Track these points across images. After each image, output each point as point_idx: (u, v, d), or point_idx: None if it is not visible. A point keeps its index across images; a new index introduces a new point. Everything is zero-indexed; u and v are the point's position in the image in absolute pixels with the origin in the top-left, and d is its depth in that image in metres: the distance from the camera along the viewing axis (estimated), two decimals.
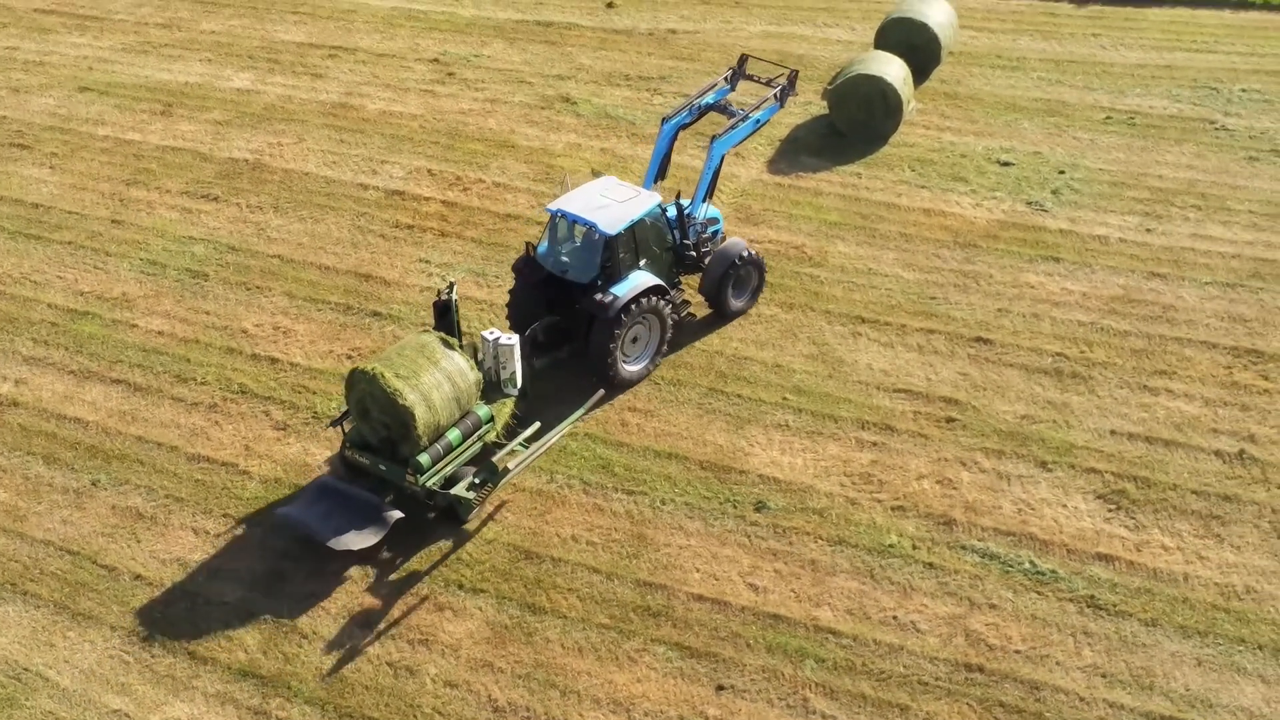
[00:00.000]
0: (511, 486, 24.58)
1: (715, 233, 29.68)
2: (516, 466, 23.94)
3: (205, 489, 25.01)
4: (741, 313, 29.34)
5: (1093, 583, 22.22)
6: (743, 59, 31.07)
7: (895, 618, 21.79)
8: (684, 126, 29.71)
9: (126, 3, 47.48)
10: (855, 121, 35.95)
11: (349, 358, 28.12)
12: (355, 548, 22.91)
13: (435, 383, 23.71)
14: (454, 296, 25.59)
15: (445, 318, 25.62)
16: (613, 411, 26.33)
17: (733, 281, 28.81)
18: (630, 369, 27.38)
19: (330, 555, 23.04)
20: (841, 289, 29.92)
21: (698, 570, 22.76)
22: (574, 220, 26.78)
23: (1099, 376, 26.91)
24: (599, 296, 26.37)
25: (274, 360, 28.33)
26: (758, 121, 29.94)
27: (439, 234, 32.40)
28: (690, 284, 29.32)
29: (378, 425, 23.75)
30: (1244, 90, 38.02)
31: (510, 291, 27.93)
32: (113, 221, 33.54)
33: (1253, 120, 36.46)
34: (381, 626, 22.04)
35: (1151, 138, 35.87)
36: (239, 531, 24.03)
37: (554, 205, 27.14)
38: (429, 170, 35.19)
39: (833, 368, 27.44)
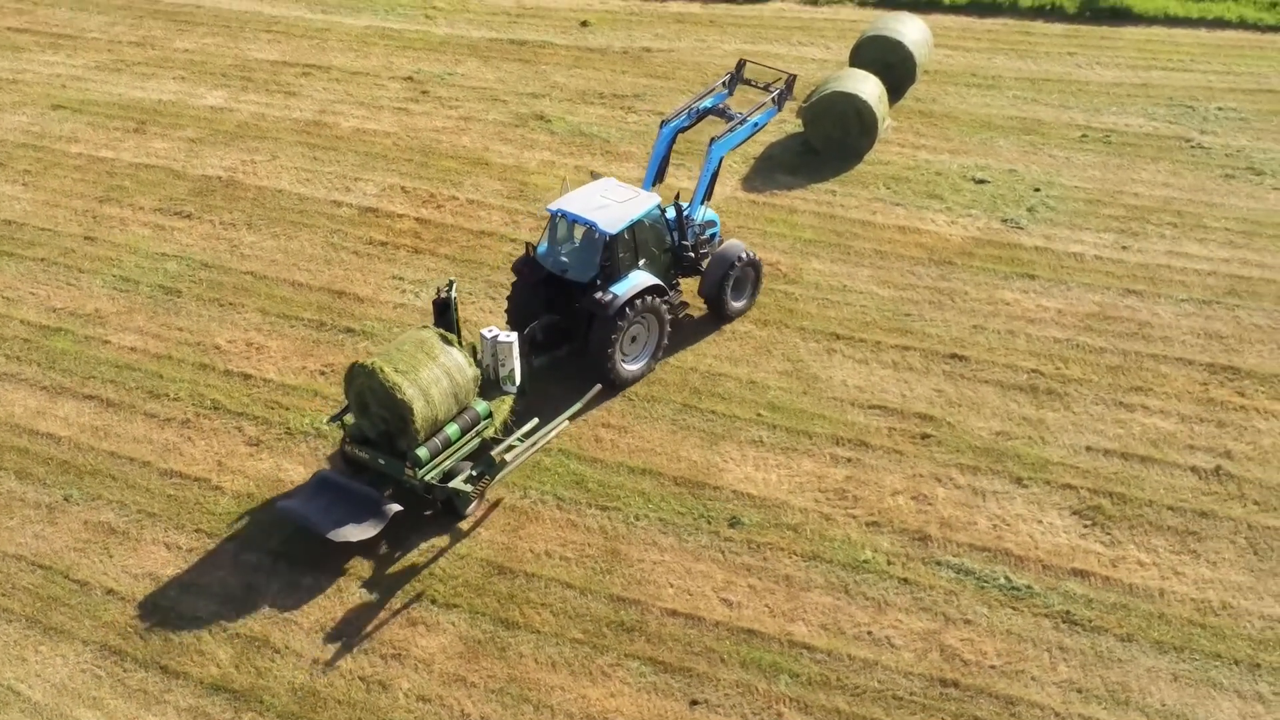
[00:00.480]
0: (487, 502, 24.48)
1: (713, 235, 29.90)
2: (513, 460, 23.98)
3: (178, 504, 24.84)
4: (741, 313, 29.50)
5: (1068, 598, 22.14)
6: (741, 64, 31.34)
7: (870, 633, 21.68)
8: (683, 130, 29.98)
9: (100, 21, 47.30)
10: (830, 139, 35.94)
11: (322, 374, 28.01)
12: (354, 539, 23.08)
13: (434, 378, 23.93)
14: (453, 295, 25.75)
15: (444, 315, 25.78)
16: (586, 427, 26.21)
17: (732, 283, 29.05)
18: (629, 368, 27.56)
19: (330, 548, 23.15)
20: (816, 306, 29.85)
21: (671, 585, 22.63)
22: (574, 220, 27.11)
23: (1074, 393, 26.87)
24: (599, 295, 26.64)
25: (247, 376, 28.17)
26: (755, 125, 30.39)
27: (412, 251, 32.27)
28: (689, 286, 29.46)
29: (377, 420, 23.92)
30: (1220, 109, 38.12)
31: (509, 291, 28.14)
32: (86, 238, 33.35)
33: (1229, 138, 36.55)
34: (354, 641, 21.88)
35: (1127, 155, 35.93)
36: (211, 546, 23.86)
37: (554, 205, 27.46)
38: (402, 187, 35.07)
39: (807, 384, 27.36)
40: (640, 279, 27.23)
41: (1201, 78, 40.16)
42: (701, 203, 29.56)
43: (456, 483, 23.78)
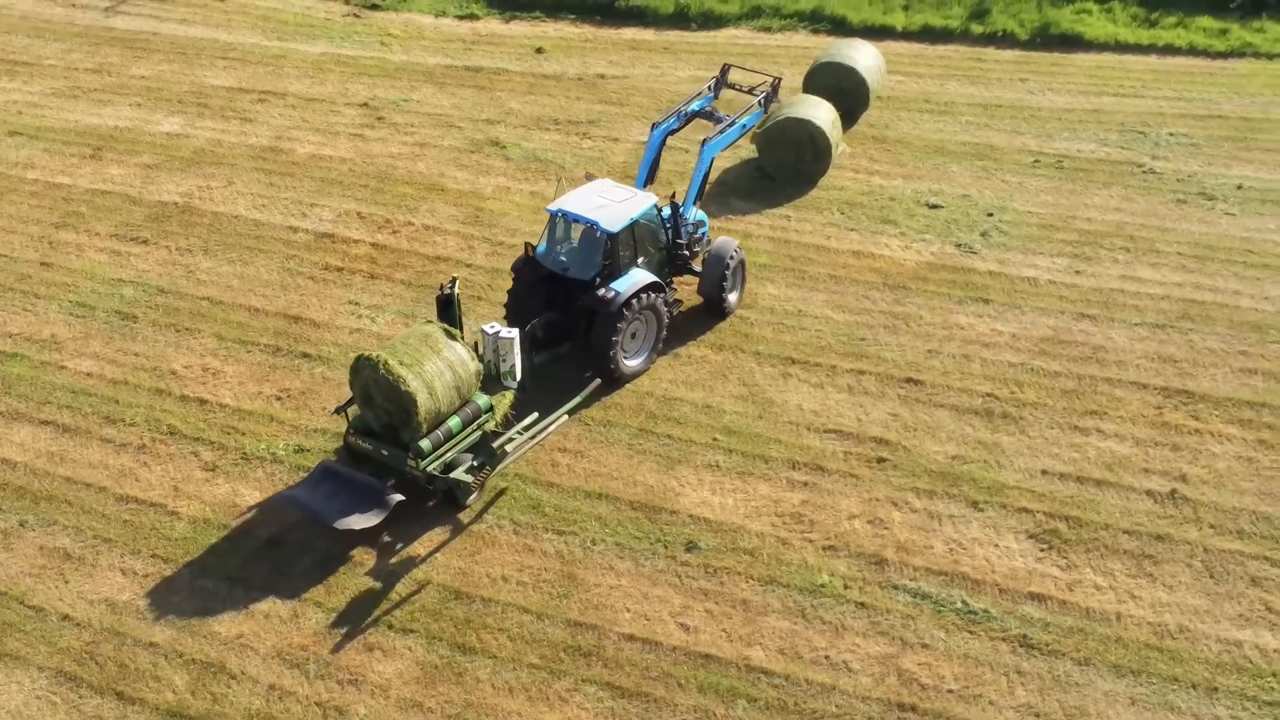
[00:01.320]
0: (442, 528, 24.45)
1: (703, 234, 30.67)
2: (514, 452, 24.66)
3: (134, 530, 24.66)
4: (736, 307, 30.58)
5: (1025, 622, 22.23)
6: (725, 69, 32.34)
7: (827, 657, 21.70)
8: (672, 132, 30.74)
9: (57, 49, 47.01)
10: (784, 165, 36.12)
11: (278, 399, 27.91)
12: (358, 527, 23.72)
13: (437, 371, 24.70)
14: (455, 291, 26.40)
15: (447, 311, 26.41)
16: (543, 452, 26.18)
17: (729, 280, 30.08)
18: (630, 364, 28.15)
19: (334, 536, 23.89)
20: (771, 330, 29.95)
21: (628, 610, 22.61)
22: (575, 220, 27.97)
23: (1030, 417, 27.04)
24: (601, 293, 27.52)
25: (203, 401, 28.02)
26: (744, 126, 31.60)
27: (368, 276, 32.21)
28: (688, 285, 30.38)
29: (380, 411, 24.77)
30: (1171, 134, 38.52)
31: (508, 291, 28.67)
32: (42, 264, 33.11)
33: (1180, 163, 36.93)
34: (310, 667, 21.74)
35: (1080, 180, 36.25)
36: (167, 572, 23.68)
37: (554, 206, 28.27)
38: (358, 213, 35.02)
39: (763, 408, 27.43)
40: (640, 277, 28.00)
41: (1153, 103, 40.57)
42: (694, 202, 30.31)
43: (458, 473, 24.47)
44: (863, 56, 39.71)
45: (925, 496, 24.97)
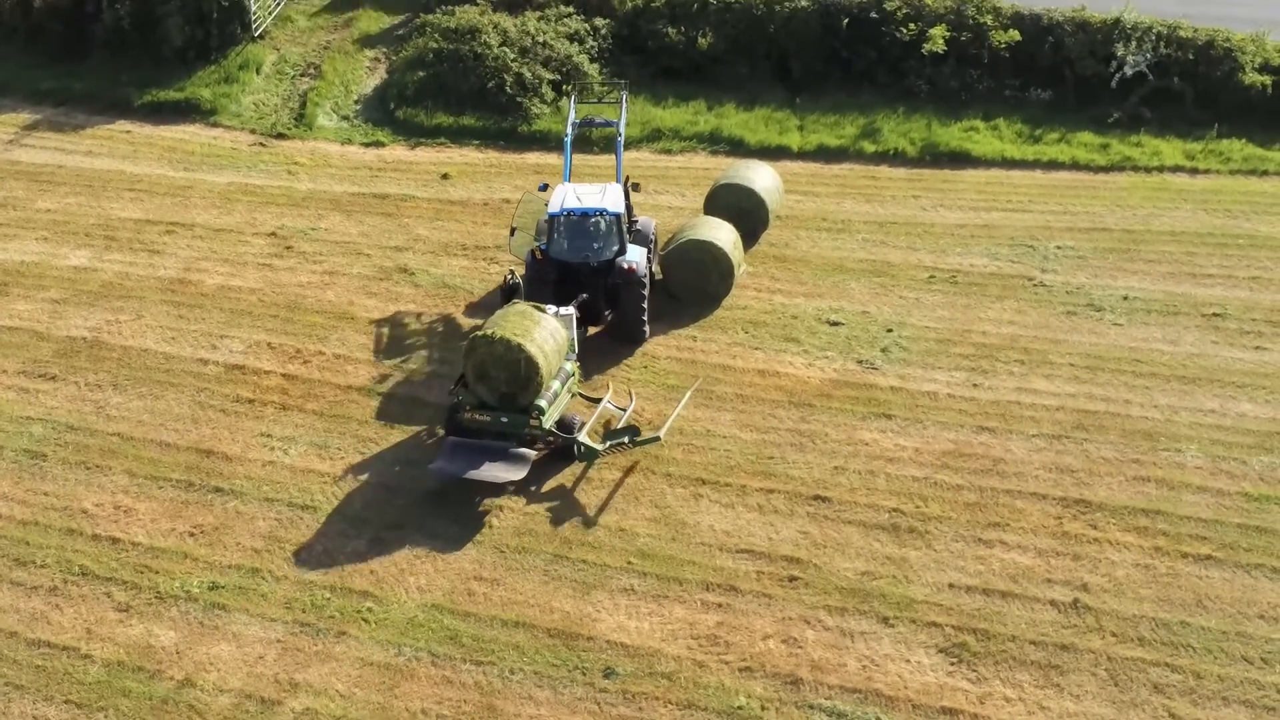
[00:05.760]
0: (358, 663, 24.61)
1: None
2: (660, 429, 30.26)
3: (46, 675, 24.50)
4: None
5: None
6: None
7: None
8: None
9: None
10: (688, 285, 36.77)
11: (191, 535, 27.93)
12: (506, 479, 28.47)
13: (544, 338, 29.36)
14: (519, 280, 33.41)
15: (512, 297, 32.18)
16: (459, 580, 26.45)
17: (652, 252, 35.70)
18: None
19: (486, 490, 28.55)
20: (681, 451, 30.45)
21: None
22: (581, 214, 33.53)
23: (935, 531, 27.69)
24: (624, 265, 33.39)
25: (115, 540, 27.96)
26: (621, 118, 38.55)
27: (280, 407, 32.39)
28: None
29: (497, 383, 29.02)
30: (1059, 247, 39.63)
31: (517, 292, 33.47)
32: None
33: (1068, 276, 38.01)
34: None
35: (974, 295, 37.20)
36: (81, 719, 23.53)
37: (554, 209, 33.68)
38: (269, 344, 35.20)
39: (675, 530, 27.87)
40: (639, 249, 34.26)
41: (1040, 217, 41.70)
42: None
43: (582, 436, 29.45)
44: (760, 177, 40.58)
45: (837, 614, 25.46)
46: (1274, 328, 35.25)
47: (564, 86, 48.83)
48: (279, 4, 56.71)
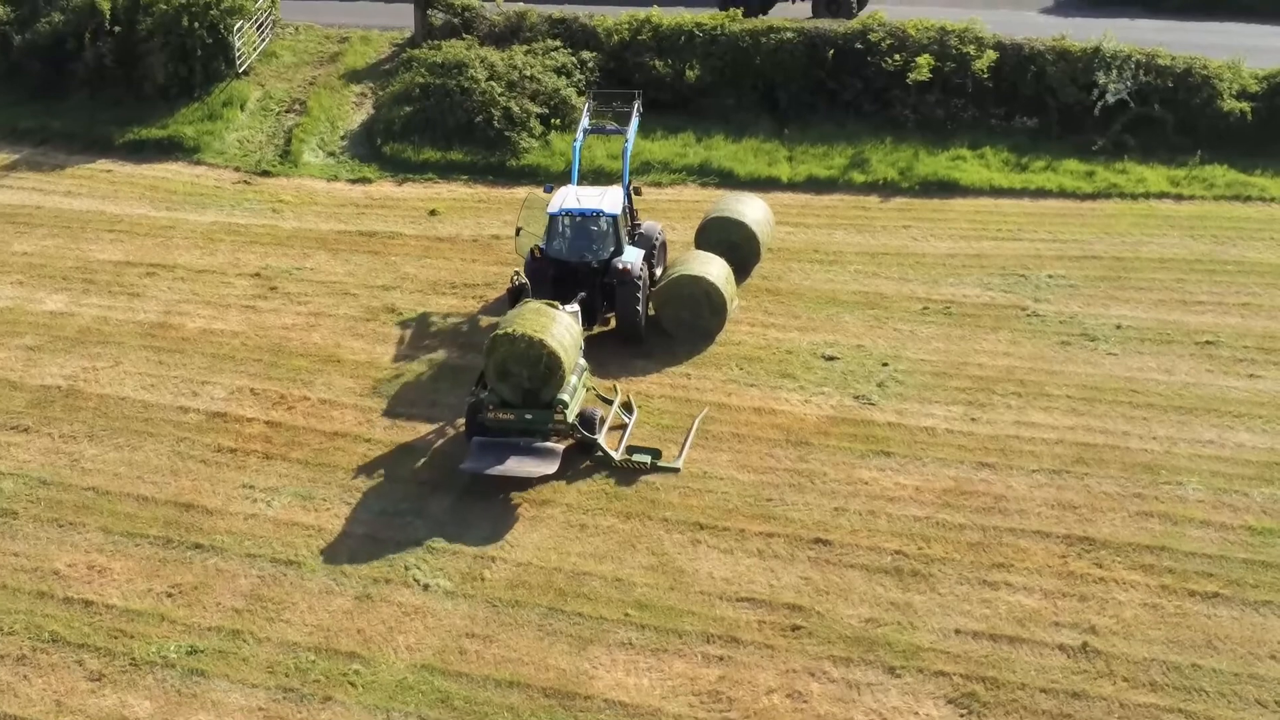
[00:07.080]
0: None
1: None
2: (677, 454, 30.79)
3: None
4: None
5: None
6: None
7: None
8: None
9: None
10: (681, 322, 36.22)
11: (169, 596, 27.01)
12: (538, 474, 29.32)
13: (561, 333, 29.93)
14: (526, 282, 33.67)
15: (520, 298, 32.53)
16: (449, 638, 25.66)
17: (656, 255, 37.03)
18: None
19: (518, 485, 29.31)
20: (678, 495, 29.77)
21: None
22: (581, 214, 34.83)
23: (939, 573, 27.04)
24: (620, 265, 34.35)
25: (88, 603, 26.98)
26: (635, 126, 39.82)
27: (263, 456, 31.60)
28: None
29: (519, 381, 29.65)
30: (1050, 276, 39.18)
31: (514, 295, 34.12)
32: None
33: (1061, 305, 37.55)
34: None
35: (968, 326, 36.70)
36: None
37: (553, 209, 34.98)
38: (252, 389, 34.44)
39: (674, 578, 27.15)
40: (637, 251, 35.33)
41: (1030, 246, 41.30)
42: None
43: (600, 440, 30.31)
44: (751, 210, 40.11)
45: (842, 664, 24.76)
46: (1267, 355, 34.90)
47: (551, 120, 49.62)
48: (264, 40, 56.10)
